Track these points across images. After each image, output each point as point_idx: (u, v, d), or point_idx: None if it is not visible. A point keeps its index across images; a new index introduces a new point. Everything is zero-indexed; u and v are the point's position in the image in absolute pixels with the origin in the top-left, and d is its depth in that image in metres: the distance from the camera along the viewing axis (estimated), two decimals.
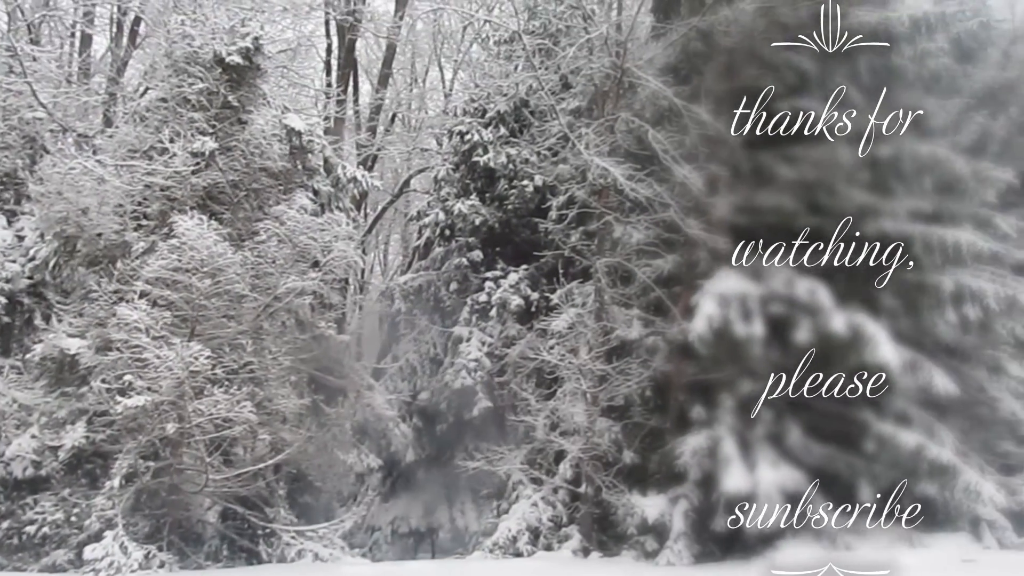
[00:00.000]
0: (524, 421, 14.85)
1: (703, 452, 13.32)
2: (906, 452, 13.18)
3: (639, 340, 14.42)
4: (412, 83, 27.95)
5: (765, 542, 12.90)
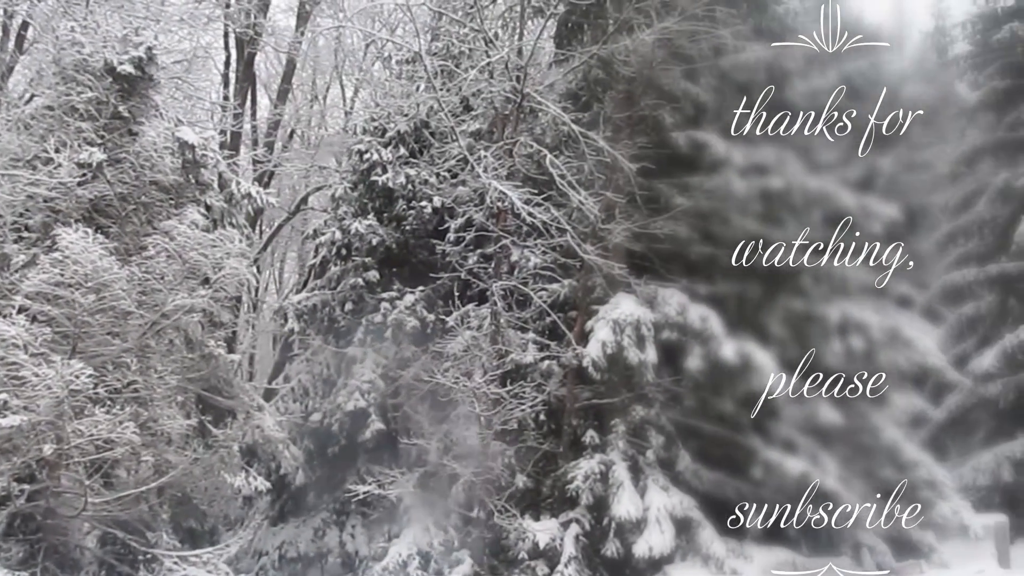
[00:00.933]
0: (417, 444, 14.69)
1: (595, 476, 13.41)
2: (791, 478, 13.43)
3: (534, 364, 14.44)
4: (312, 100, 27.57)
5: (654, 566, 13.03)
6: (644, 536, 12.81)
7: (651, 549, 12.73)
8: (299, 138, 27.32)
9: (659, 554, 12.79)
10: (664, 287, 13.91)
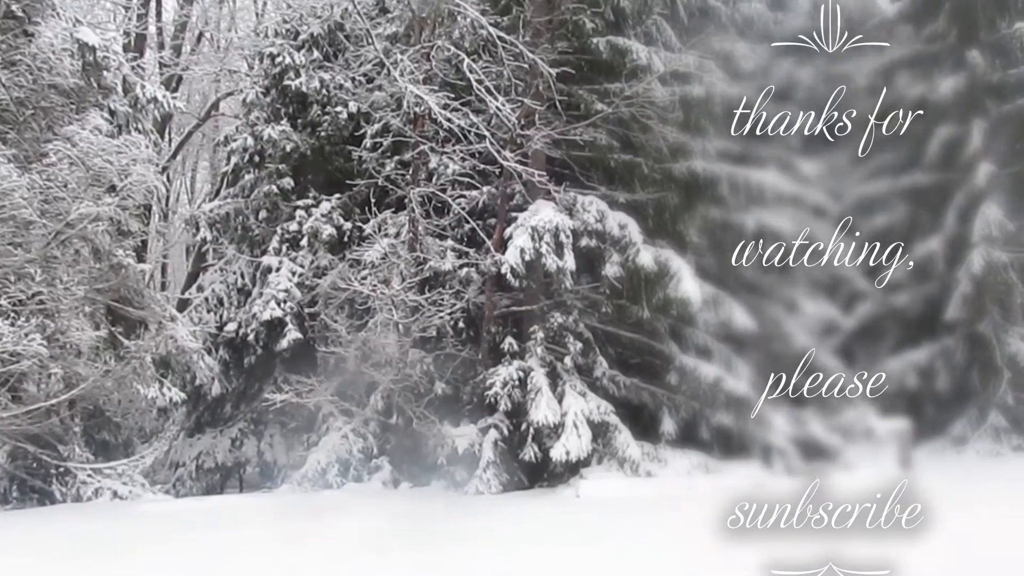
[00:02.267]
0: (335, 353, 14.56)
1: (514, 383, 13.44)
2: (706, 384, 13.64)
3: (452, 271, 14.35)
4: (221, 0, 26.52)
5: (571, 470, 13.19)
6: (561, 440, 12.92)
7: (568, 453, 12.86)
8: (208, 41, 26.23)
9: (576, 458, 12.92)
10: (583, 194, 13.85)
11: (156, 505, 13.24)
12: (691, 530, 9.81)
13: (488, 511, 11.79)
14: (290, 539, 9.55)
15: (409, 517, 11.27)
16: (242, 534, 10.07)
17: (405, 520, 10.99)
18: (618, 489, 12.83)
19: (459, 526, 10.49)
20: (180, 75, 23.38)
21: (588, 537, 9.67)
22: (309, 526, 10.39)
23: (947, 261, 19.61)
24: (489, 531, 10.06)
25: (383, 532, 10.04)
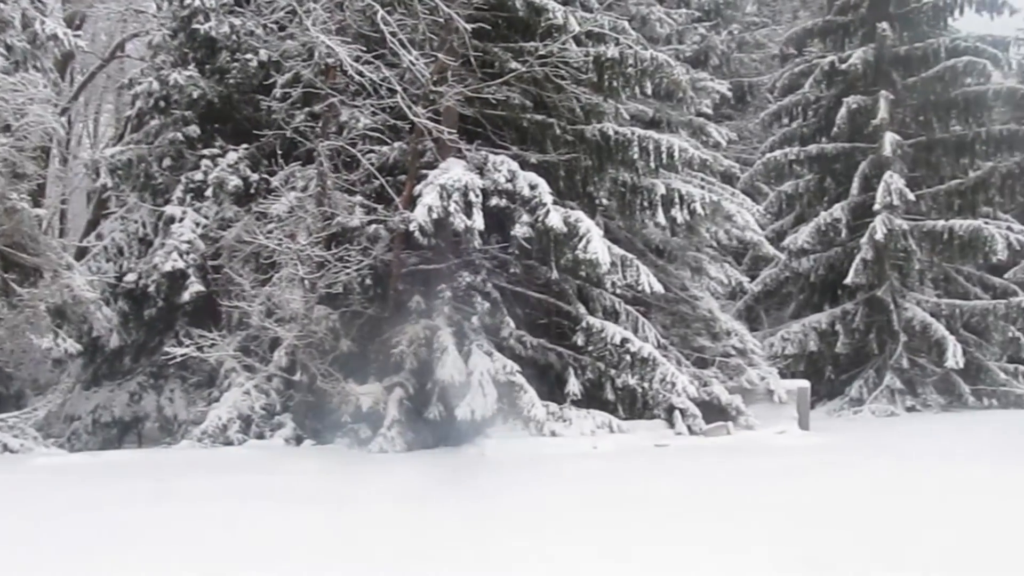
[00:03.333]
0: (238, 307, 14.29)
1: (420, 341, 13.37)
2: (612, 345, 13.75)
3: (360, 228, 14.14)
4: None
5: (476, 429, 13.21)
6: (467, 400, 12.91)
7: (473, 412, 12.86)
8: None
9: (481, 417, 12.94)
10: (495, 153, 13.73)
11: (50, 459, 12.89)
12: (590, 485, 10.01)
13: (391, 469, 11.75)
14: (168, 494, 9.38)
15: (308, 474, 11.16)
16: (121, 488, 9.83)
17: (303, 476, 10.88)
18: (522, 448, 12.90)
19: (360, 483, 10.41)
20: (84, 13, 22.43)
21: (489, 494, 9.71)
22: (198, 482, 10.19)
23: (850, 228, 20.18)
24: (390, 488, 10.02)
25: (277, 488, 9.92)
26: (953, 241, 19.47)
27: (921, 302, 20.14)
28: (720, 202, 14.84)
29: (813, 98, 21.82)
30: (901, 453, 12.67)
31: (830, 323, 20.42)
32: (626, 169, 14.68)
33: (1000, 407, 19.58)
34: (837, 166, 21.32)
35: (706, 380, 15.12)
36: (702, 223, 15.77)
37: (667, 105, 16.75)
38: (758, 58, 26.06)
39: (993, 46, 20.32)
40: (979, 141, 20.33)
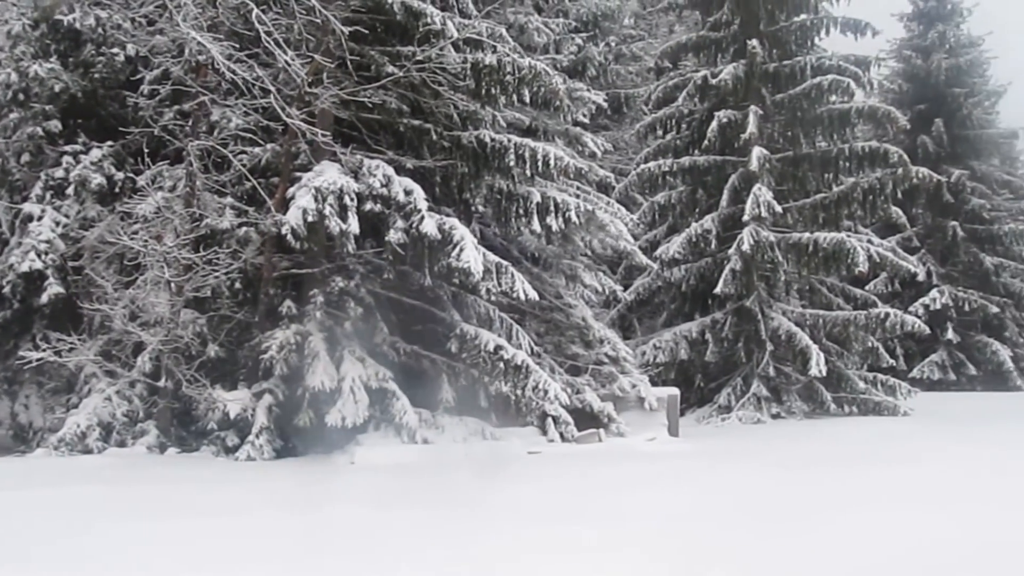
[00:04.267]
0: (100, 310, 13.78)
1: (291, 347, 13.11)
2: (486, 352, 13.76)
3: (231, 230, 13.82)
4: None
5: (347, 436, 13.05)
6: (337, 406, 12.73)
7: (344, 419, 12.69)
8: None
9: (352, 424, 12.78)
10: (370, 158, 13.58)
11: None
12: (459, 493, 9.98)
13: (258, 477, 11.50)
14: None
15: (170, 482, 10.81)
16: None
17: (164, 485, 10.53)
18: (393, 456, 12.80)
19: (223, 492, 10.14)
20: None
21: (357, 500, 9.58)
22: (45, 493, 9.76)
23: (720, 239, 20.69)
24: (255, 497, 9.79)
25: (130, 498, 9.58)
26: (818, 253, 20.11)
27: (787, 312, 20.79)
28: (595, 211, 14.99)
29: (687, 111, 22.31)
30: (765, 460, 13.01)
31: (700, 332, 20.89)
32: (502, 176, 14.71)
33: (859, 414, 20.33)
34: (709, 178, 21.84)
35: (579, 387, 15.29)
36: (577, 232, 15.93)
37: (544, 114, 16.86)
38: (634, 70, 26.53)
39: (856, 65, 21.12)
40: (843, 157, 21.08)
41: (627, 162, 24.23)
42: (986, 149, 33.03)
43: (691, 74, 21.93)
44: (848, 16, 21.51)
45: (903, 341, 28.03)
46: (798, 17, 22.20)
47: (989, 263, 31.14)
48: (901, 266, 20.99)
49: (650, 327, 22.68)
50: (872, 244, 20.65)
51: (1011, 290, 31.52)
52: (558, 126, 17.27)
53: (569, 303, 16.50)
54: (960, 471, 11.25)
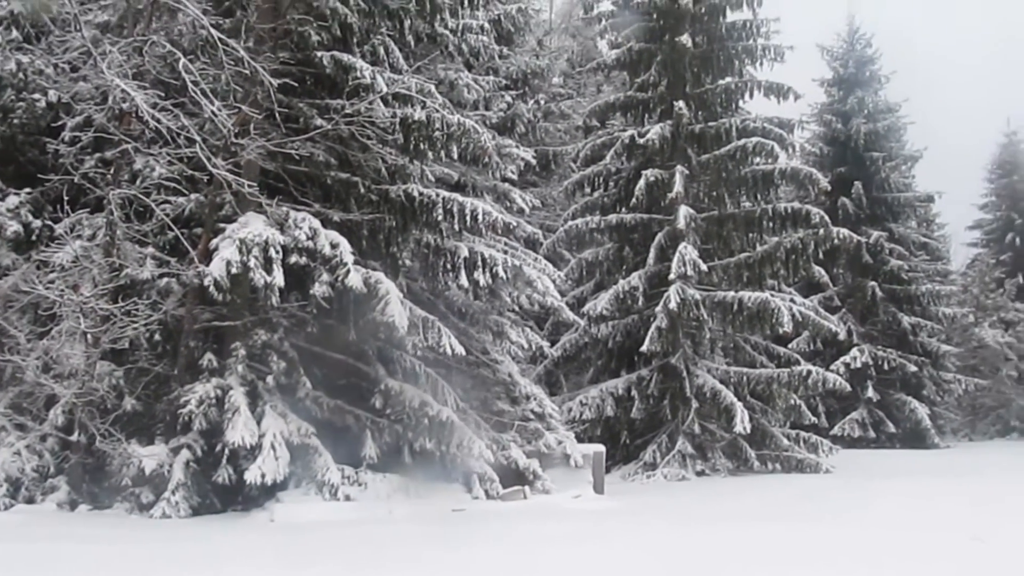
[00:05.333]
0: (12, 361, 13.33)
1: (211, 401, 12.83)
2: (410, 408, 13.62)
3: (151, 280, 13.52)
4: None
5: (267, 493, 12.78)
6: (257, 463, 12.44)
7: (264, 476, 12.40)
8: None
9: (272, 480, 12.50)
10: (297, 210, 13.47)
11: None
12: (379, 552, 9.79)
13: (169, 536, 11.12)
14: None
15: (77, 541, 10.37)
16: None
17: (69, 544, 10.09)
18: (314, 513, 12.55)
19: (128, 550, 9.77)
20: None
21: (267, 559, 9.33)
22: None
23: (647, 296, 20.85)
24: (161, 556, 9.45)
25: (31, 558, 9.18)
26: (743, 312, 20.37)
27: (712, 370, 20.99)
28: (522, 267, 15.03)
29: (614, 169, 22.60)
30: (688, 517, 13.03)
31: (626, 389, 20.97)
32: (430, 231, 14.70)
33: (783, 471, 20.52)
34: (636, 236, 22.09)
35: (504, 444, 15.19)
36: (504, 287, 15.97)
37: (473, 169, 16.93)
38: (563, 128, 26.84)
39: (780, 128, 21.66)
40: (766, 217, 21.50)
41: (555, 218, 24.39)
42: (904, 212, 33.98)
43: (619, 133, 22.26)
44: (771, 80, 22.09)
45: (825, 399, 28.47)
46: (723, 80, 22.73)
47: (907, 323, 31.87)
48: (823, 325, 21.36)
49: (577, 383, 22.70)
50: (795, 303, 21.01)
51: (928, 349, 32.27)
52: (487, 182, 17.35)
53: (496, 359, 16.45)
54: (878, 528, 11.37)
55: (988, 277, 39.71)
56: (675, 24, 22.14)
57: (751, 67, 22.52)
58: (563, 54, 29.37)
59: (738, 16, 22.54)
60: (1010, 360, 37.24)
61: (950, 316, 33.91)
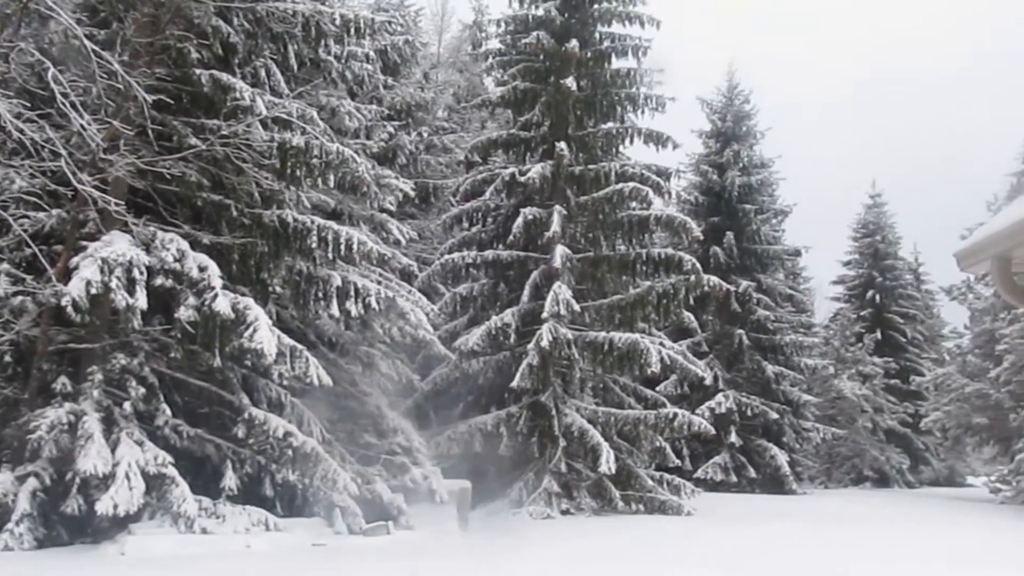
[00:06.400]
0: None
1: (62, 427, 12.24)
2: (274, 438, 13.31)
3: (5, 299, 12.86)
4: None
5: (119, 524, 12.25)
6: (110, 493, 11.90)
7: (116, 507, 11.86)
8: None
9: (125, 512, 11.96)
10: (165, 230, 13.07)
11: None
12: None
13: (15, 570, 10.55)
14: None
15: None
16: None
17: None
18: (168, 546, 12.08)
19: None
20: None
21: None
22: None
23: (519, 334, 20.90)
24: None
25: None
26: (613, 352, 20.60)
27: (581, 409, 21.15)
28: (395, 298, 14.92)
29: (493, 205, 22.70)
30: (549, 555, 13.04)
31: (495, 425, 20.91)
32: (303, 258, 14.47)
33: (646, 512, 20.75)
34: (511, 273, 22.19)
35: (369, 478, 14.98)
36: (376, 318, 15.80)
37: (350, 198, 16.78)
38: (445, 162, 26.84)
39: (658, 175, 22.14)
40: (640, 261, 21.88)
41: (432, 251, 24.32)
42: (772, 264, 35.07)
43: (500, 170, 22.38)
44: (652, 128, 22.60)
45: (690, 442, 29.00)
46: (605, 124, 23.15)
47: (771, 371, 32.79)
48: (690, 369, 21.79)
49: (446, 418, 22.53)
50: (664, 347, 21.37)
51: (790, 398, 33.25)
52: (364, 211, 17.20)
53: (364, 390, 16.25)
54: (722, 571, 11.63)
55: (849, 331, 41.32)
56: (561, 67, 22.47)
57: (633, 114, 23.01)
58: (449, 88, 29.45)
59: (623, 64, 23.05)
60: (865, 412, 38.77)
61: (811, 367, 35.13)
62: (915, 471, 41.53)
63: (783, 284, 36.19)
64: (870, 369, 39.78)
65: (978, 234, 5.41)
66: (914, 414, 39.22)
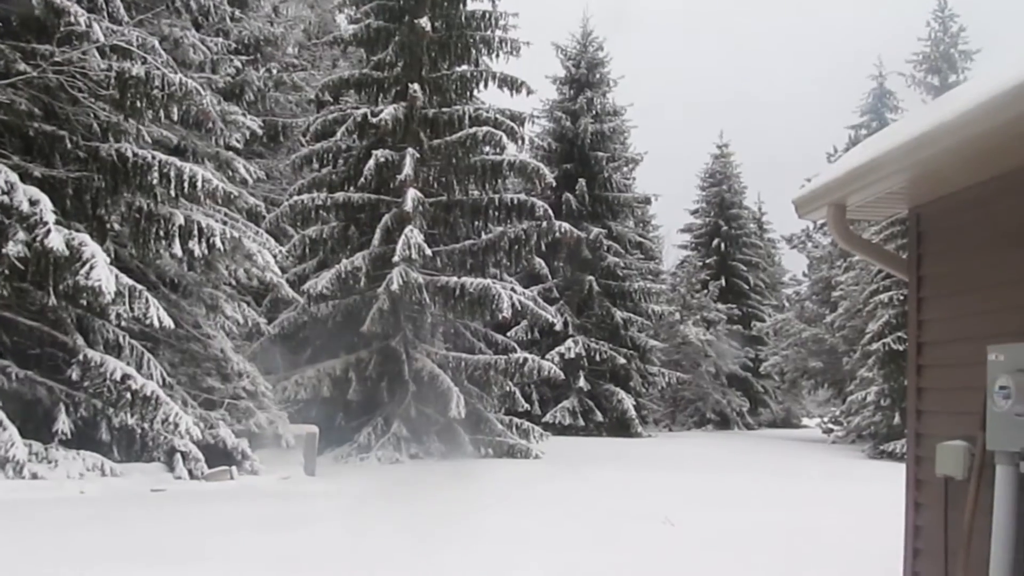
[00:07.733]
0: None
1: None
2: (111, 381, 12.81)
3: None
4: None
5: None
6: None
7: None
8: None
9: None
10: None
11: None
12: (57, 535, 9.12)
13: None
14: None
15: None
16: None
17: None
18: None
19: None
20: None
21: None
22: None
23: (370, 278, 20.66)
24: None
25: None
26: (464, 297, 20.60)
27: (431, 354, 21.12)
28: (241, 239, 14.49)
29: (345, 147, 22.23)
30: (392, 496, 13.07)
31: (344, 370, 20.69)
32: (144, 195, 13.86)
33: (495, 456, 20.98)
34: (362, 216, 21.84)
35: (213, 422, 14.63)
36: (221, 259, 15.32)
37: (194, 134, 16.14)
38: (295, 100, 26.09)
39: (512, 120, 22.06)
40: (493, 207, 21.89)
41: (280, 192, 23.68)
42: (623, 211, 35.69)
43: (352, 110, 21.90)
44: (506, 73, 22.47)
45: (539, 387, 29.43)
46: (460, 67, 22.91)
47: (620, 317, 33.53)
48: (541, 315, 22.00)
49: (294, 363, 22.15)
50: (515, 292, 21.48)
51: (637, 343, 34.13)
52: (209, 148, 16.59)
53: (208, 333, 15.79)
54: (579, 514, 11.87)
55: (695, 278, 42.65)
56: (415, 6, 22.06)
57: (488, 58, 22.81)
58: (300, 24, 28.49)
59: (478, 6, 22.77)
60: (709, 357, 40.21)
61: (658, 313, 36.09)
62: (754, 413, 43.49)
63: (633, 232, 36.90)
64: (714, 315, 41.24)
65: (816, 181, 5.58)
66: (754, 359, 40.93)
